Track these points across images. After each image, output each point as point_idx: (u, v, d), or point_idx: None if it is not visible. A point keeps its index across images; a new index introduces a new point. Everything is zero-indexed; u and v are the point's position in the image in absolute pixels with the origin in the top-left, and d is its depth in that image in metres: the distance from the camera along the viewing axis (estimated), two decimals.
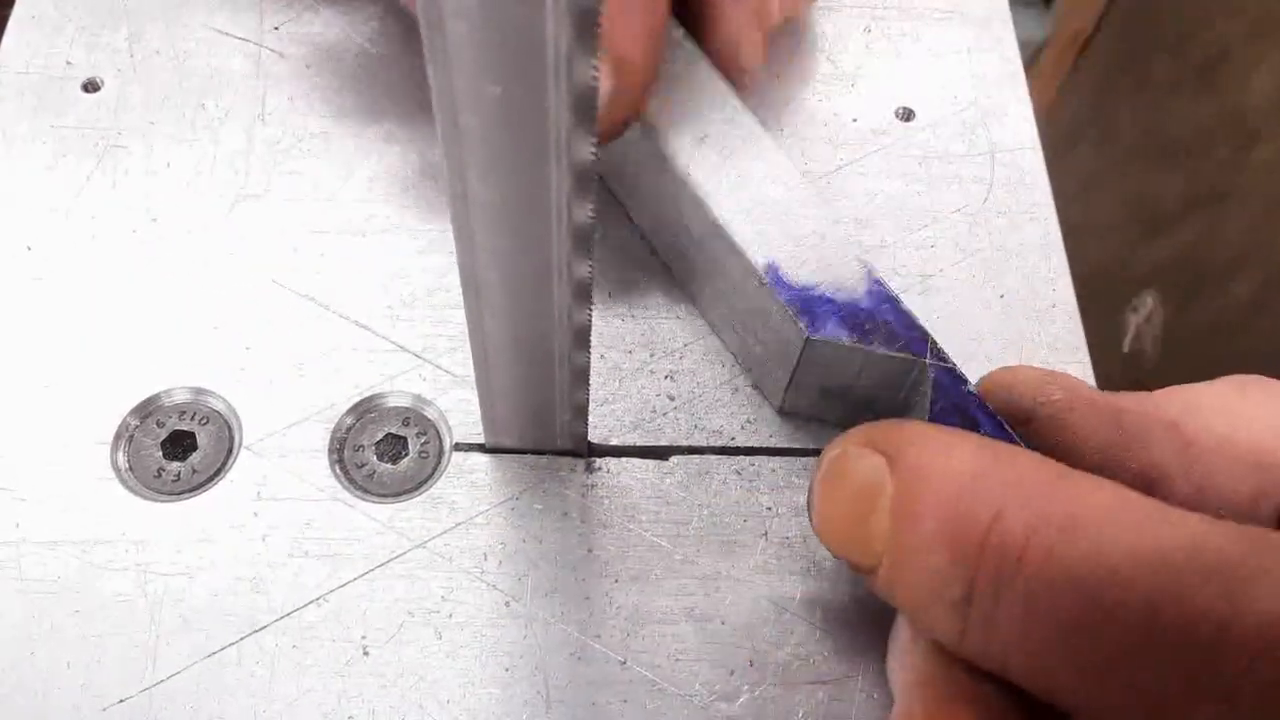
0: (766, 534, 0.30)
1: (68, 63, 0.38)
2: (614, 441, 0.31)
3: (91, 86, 0.37)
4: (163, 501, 0.30)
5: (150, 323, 0.33)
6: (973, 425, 0.27)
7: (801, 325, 0.28)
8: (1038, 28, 1.33)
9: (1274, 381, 0.27)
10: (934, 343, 0.28)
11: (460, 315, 0.25)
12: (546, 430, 0.30)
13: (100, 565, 0.29)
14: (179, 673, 0.27)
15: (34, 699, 0.27)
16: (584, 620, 0.29)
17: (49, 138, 0.36)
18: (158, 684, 0.27)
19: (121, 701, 0.27)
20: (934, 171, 0.38)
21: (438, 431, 0.31)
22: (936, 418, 0.27)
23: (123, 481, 0.30)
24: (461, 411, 0.32)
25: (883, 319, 0.28)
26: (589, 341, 0.26)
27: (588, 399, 0.28)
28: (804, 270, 0.29)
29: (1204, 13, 0.71)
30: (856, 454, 0.23)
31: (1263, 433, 0.24)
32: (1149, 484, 0.25)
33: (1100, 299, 0.77)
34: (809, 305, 0.29)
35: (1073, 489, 0.20)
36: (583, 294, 0.23)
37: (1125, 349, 0.74)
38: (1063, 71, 1.38)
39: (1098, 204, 0.79)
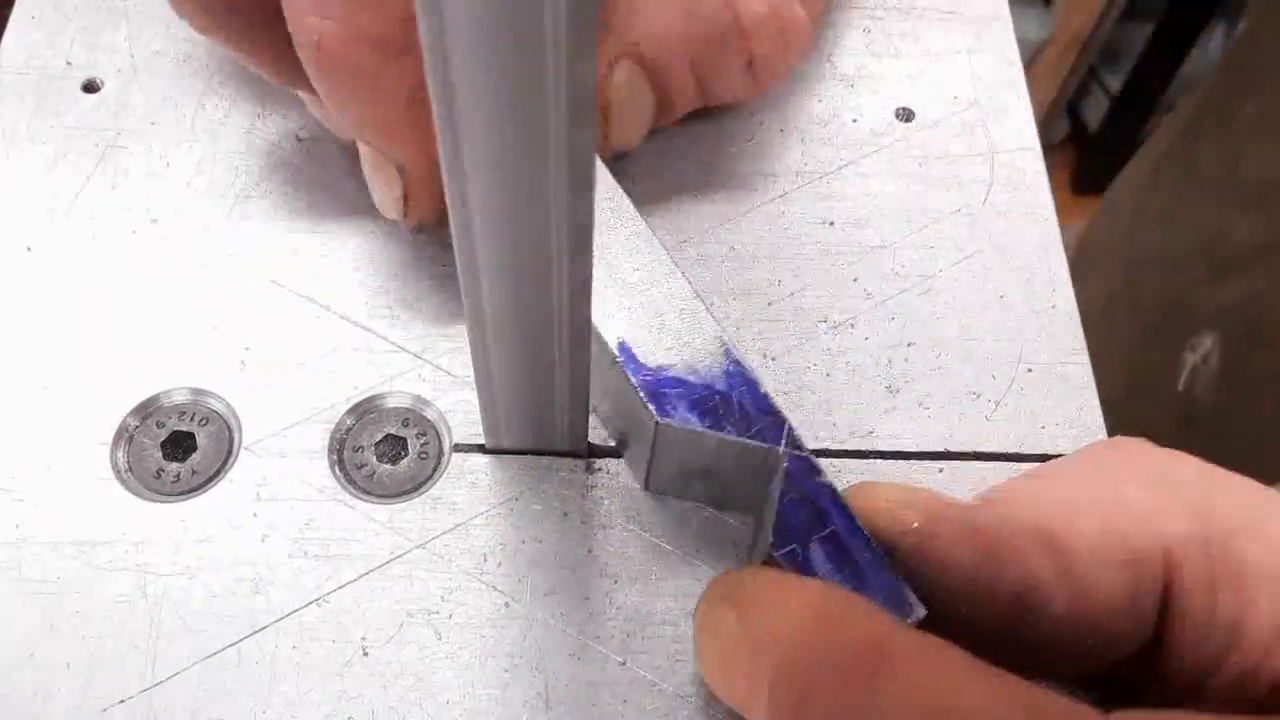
0: None
1: (67, 63, 0.38)
2: (614, 442, 0.31)
3: (91, 87, 0.37)
4: (162, 502, 0.30)
5: (150, 323, 0.33)
6: (823, 518, 0.25)
7: (651, 409, 0.27)
8: (1038, 28, 1.33)
9: (1136, 449, 0.26)
10: (790, 429, 0.27)
11: (460, 315, 0.25)
12: (547, 431, 0.30)
13: (100, 566, 0.29)
14: (179, 673, 0.27)
15: (33, 700, 0.27)
16: (584, 621, 0.29)
17: (49, 138, 0.36)
18: (157, 685, 0.27)
19: (121, 702, 0.27)
20: (934, 172, 0.38)
21: (438, 432, 0.31)
22: (785, 509, 0.26)
23: (122, 482, 0.30)
24: (461, 412, 0.32)
25: (738, 402, 0.27)
26: (589, 341, 0.26)
27: (588, 399, 0.28)
28: (659, 349, 0.28)
29: None
30: (719, 611, 0.23)
31: (1135, 525, 0.24)
32: (1025, 601, 0.24)
33: (1162, 333, 0.76)
34: (660, 387, 0.27)
35: (885, 657, 0.20)
36: (583, 293, 0.23)
37: (1180, 387, 0.73)
38: (1063, 71, 1.39)
39: (1171, 238, 0.78)
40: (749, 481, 0.28)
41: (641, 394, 0.27)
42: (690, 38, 0.32)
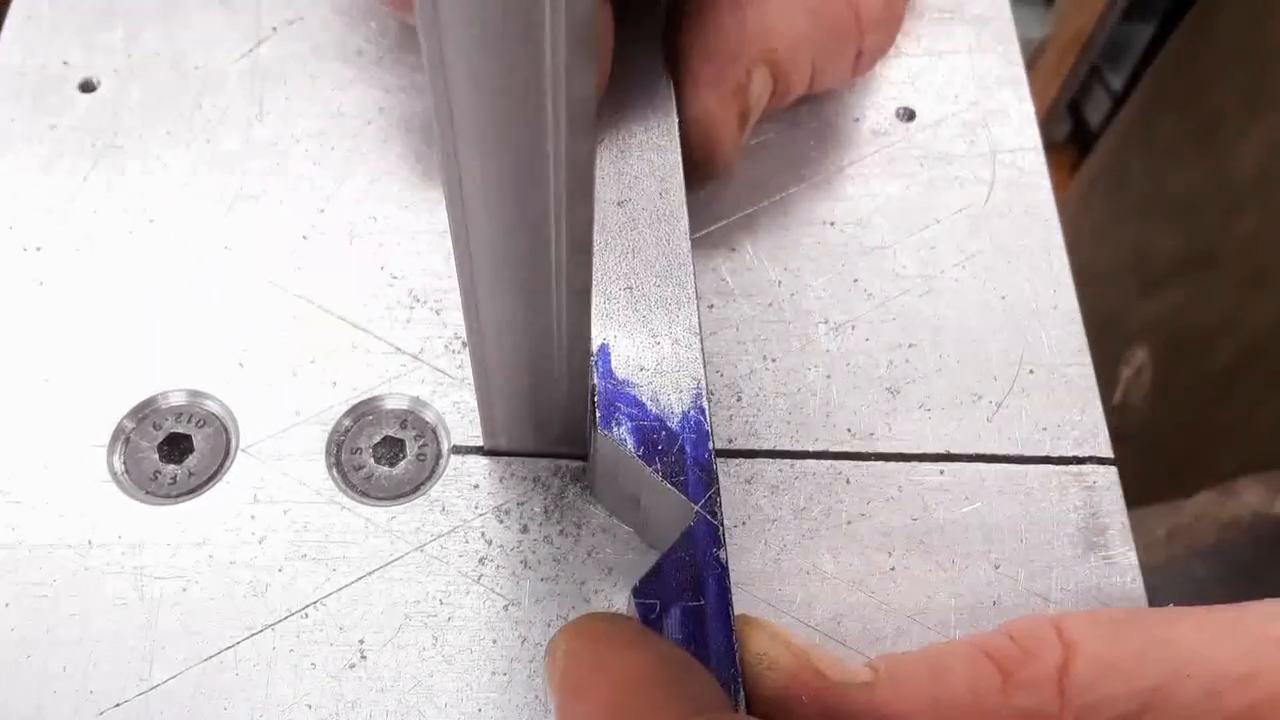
0: (765, 537, 0.30)
1: (64, 63, 0.38)
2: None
3: (88, 86, 0.37)
4: (159, 504, 0.30)
5: (147, 325, 0.33)
6: (699, 589, 0.25)
7: (596, 415, 0.27)
8: (1038, 27, 1.33)
9: (1028, 644, 0.24)
10: (716, 495, 0.26)
11: (459, 316, 0.25)
12: (545, 433, 0.30)
13: (97, 568, 0.29)
14: (176, 676, 0.27)
15: (30, 702, 0.27)
16: None
17: (46, 138, 0.36)
18: (155, 687, 0.27)
19: (118, 705, 0.27)
20: (935, 172, 0.37)
21: (436, 434, 0.31)
22: (665, 564, 0.25)
23: (119, 484, 0.30)
24: (460, 413, 0.31)
25: (680, 446, 0.26)
26: (589, 341, 0.26)
27: (587, 401, 0.28)
28: (632, 366, 0.27)
29: (1207, 75, 0.71)
30: (550, 656, 0.24)
31: None
32: None
33: (1097, 348, 0.77)
34: (616, 400, 0.27)
35: None
36: (582, 293, 0.23)
37: (1115, 401, 0.74)
38: (1064, 71, 1.39)
39: (1104, 254, 0.79)
40: (672, 527, 0.27)
41: (595, 397, 0.27)
42: (816, 38, 0.33)
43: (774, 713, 0.24)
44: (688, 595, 0.24)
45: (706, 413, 0.27)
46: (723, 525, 0.26)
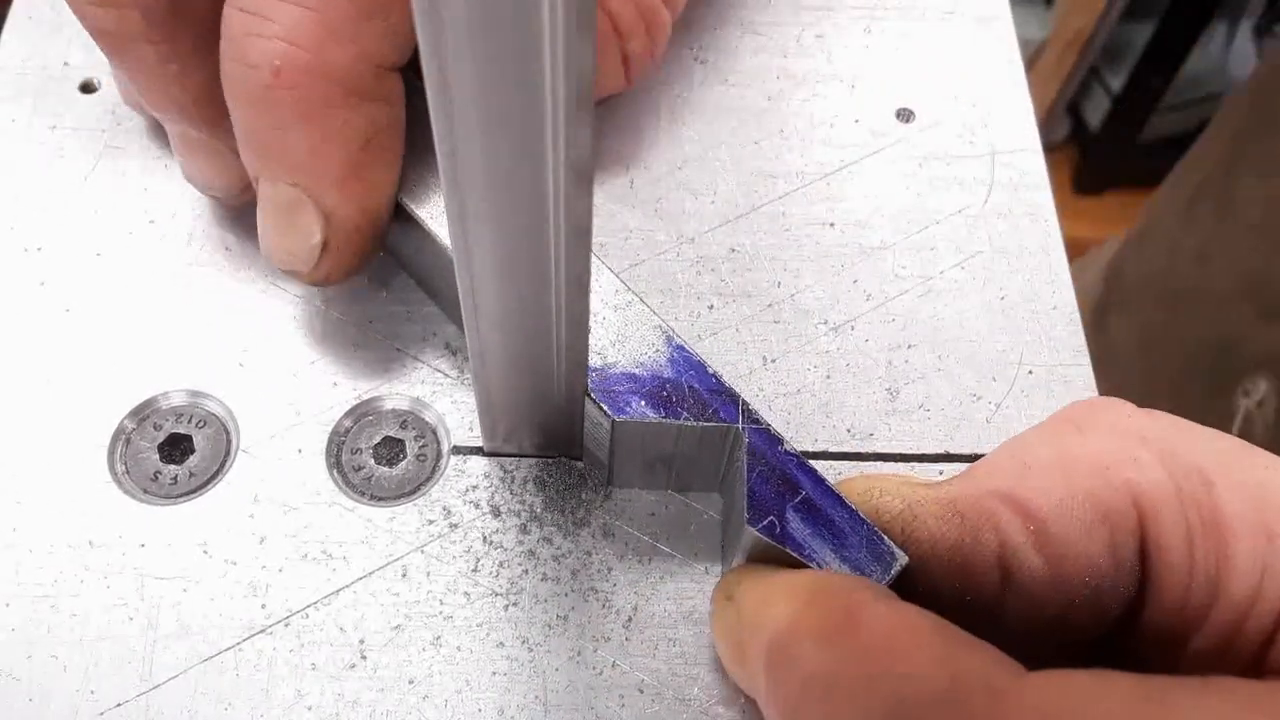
0: None
1: (65, 63, 0.38)
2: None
3: (89, 87, 0.37)
4: (160, 505, 0.30)
5: (147, 325, 0.33)
6: (793, 485, 0.26)
7: (604, 409, 0.27)
8: (1038, 28, 1.33)
9: (1106, 405, 0.26)
10: (745, 404, 0.27)
11: (459, 315, 0.25)
12: (545, 434, 0.30)
13: (97, 569, 0.29)
14: (176, 677, 0.27)
15: (30, 703, 0.27)
16: (582, 624, 0.28)
17: (46, 139, 0.36)
18: (155, 688, 0.27)
19: (118, 705, 0.27)
20: (934, 173, 0.37)
21: (435, 434, 0.31)
22: (755, 485, 0.26)
23: (120, 485, 0.30)
24: (460, 414, 0.31)
25: (689, 386, 0.27)
26: (586, 338, 0.26)
27: (586, 400, 0.28)
28: (599, 348, 0.28)
29: None
30: (724, 608, 0.26)
31: (1099, 478, 0.24)
32: (1006, 566, 0.24)
33: (1211, 375, 0.75)
34: (610, 385, 0.27)
35: (855, 627, 0.21)
36: (580, 289, 0.23)
37: (1234, 431, 0.72)
38: (1064, 71, 1.38)
39: (1212, 277, 0.77)
40: (711, 459, 0.29)
41: (593, 395, 0.27)
42: None
43: (908, 529, 0.25)
44: (789, 496, 0.26)
45: (685, 345, 0.28)
46: (767, 425, 0.27)
